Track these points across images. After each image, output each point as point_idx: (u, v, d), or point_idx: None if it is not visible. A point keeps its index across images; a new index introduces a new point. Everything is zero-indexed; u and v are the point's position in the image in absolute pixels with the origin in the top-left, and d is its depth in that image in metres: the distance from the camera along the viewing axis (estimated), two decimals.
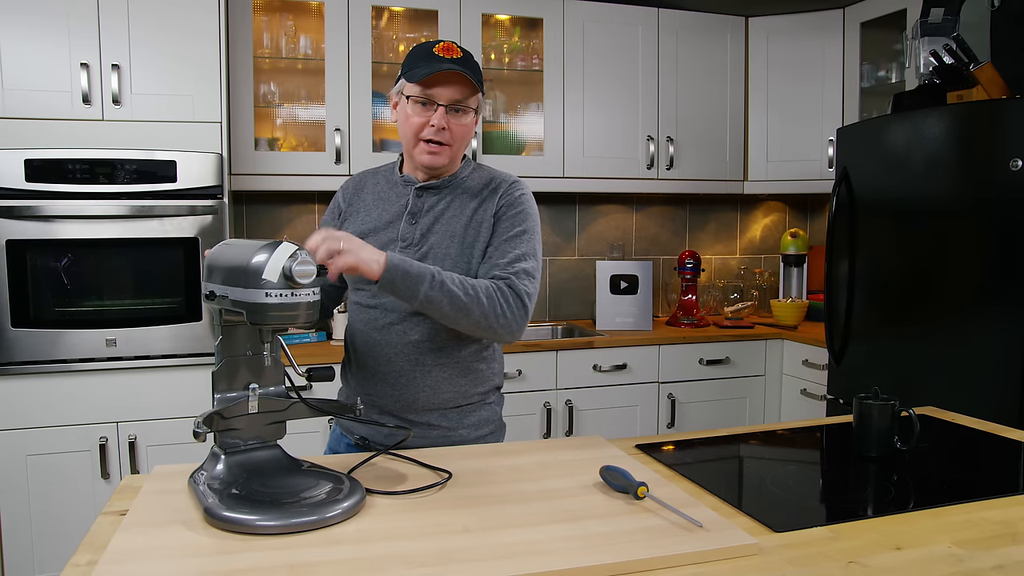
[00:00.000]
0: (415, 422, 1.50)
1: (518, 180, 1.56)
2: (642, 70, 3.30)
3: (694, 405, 3.14)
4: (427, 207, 1.51)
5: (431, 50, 1.44)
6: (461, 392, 1.52)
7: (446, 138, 1.45)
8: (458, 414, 1.52)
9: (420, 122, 1.45)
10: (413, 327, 1.47)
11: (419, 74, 1.42)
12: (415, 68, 1.44)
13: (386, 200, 1.54)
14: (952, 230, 2.35)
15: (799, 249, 3.55)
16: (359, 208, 1.57)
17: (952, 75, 2.56)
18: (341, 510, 1.04)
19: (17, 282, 2.38)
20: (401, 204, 1.52)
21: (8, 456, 2.40)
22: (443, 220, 1.49)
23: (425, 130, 1.45)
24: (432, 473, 1.25)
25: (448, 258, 1.46)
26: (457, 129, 1.46)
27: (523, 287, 1.43)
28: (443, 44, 1.44)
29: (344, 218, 1.58)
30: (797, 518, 1.09)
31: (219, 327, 1.19)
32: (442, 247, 1.47)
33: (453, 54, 1.43)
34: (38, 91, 2.41)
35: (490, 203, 1.51)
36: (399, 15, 3.14)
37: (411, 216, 1.50)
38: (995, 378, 2.21)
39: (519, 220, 1.49)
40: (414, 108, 1.45)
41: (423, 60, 1.44)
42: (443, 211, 1.50)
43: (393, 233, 1.50)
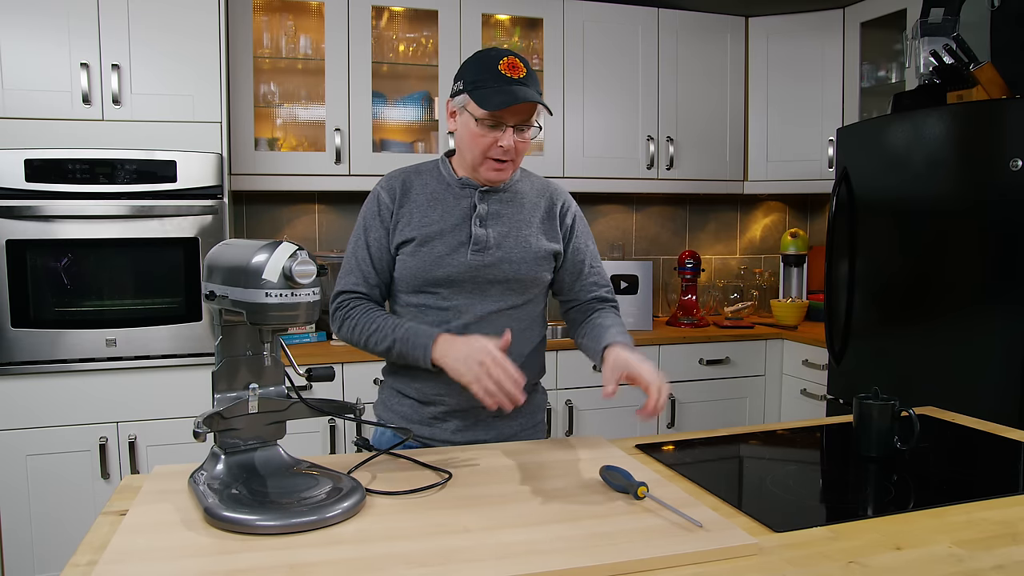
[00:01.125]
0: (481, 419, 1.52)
1: (560, 187, 1.64)
2: (642, 70, 3.30)
3: (694, 405, 3.14)
4: (493, 211, 1.52)
5: (497, 67, 1.40)
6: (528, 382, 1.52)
7: (511, 155, 1.47)
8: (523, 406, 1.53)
9: (489, 143, 1.44)
10: (488, 326, 1.48)
11: (494, 102, 1.39)
12: (484, 89, 1.40)
13: (443, 202, 1.51)
14: (952, 230, 2.35)
15: (799, 249, 3.55)
16: (411, 208, 1.51)
17: (952, 75, 2.56)
18: (341, 510, 1.04)
19: (17, 282, 2.38)
20: (464, 206, 1.51)
21: (8, 456, 2.40)
22: (510, 225, 1.52)
23: (493, 149, 1.45)
24: (432, 474, 1.25)
25: (524, 263, 1.50)
26: (522, 146, 1.47)
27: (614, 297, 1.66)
28: (508, 61, 1.41)
29: (395, 219, 1.52)
30: (797, 518, 1.09)
31: (219, 327, 1.19)
32: (516, 252, 1.50)
33: (520, 72, 1.41)
34: (38, 91, 2.41)
35: (553, 213, 1.57)
36: (399, 15, 3.14)
37: (479, 220, 1.50)
38: (995, 378, 2.21)
39: (589, 236, 1.63)
40: (482, 128, 1.43)
41: (491, 80, 1.40)
42: (508, 216, 1.52)
43: (462, 236, 1.48)
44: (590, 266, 1.61)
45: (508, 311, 1.51)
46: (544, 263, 1.54)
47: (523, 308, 1.53)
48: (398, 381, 1.56)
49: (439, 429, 1.52)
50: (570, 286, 1.62)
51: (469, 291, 1.49)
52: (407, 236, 1.49)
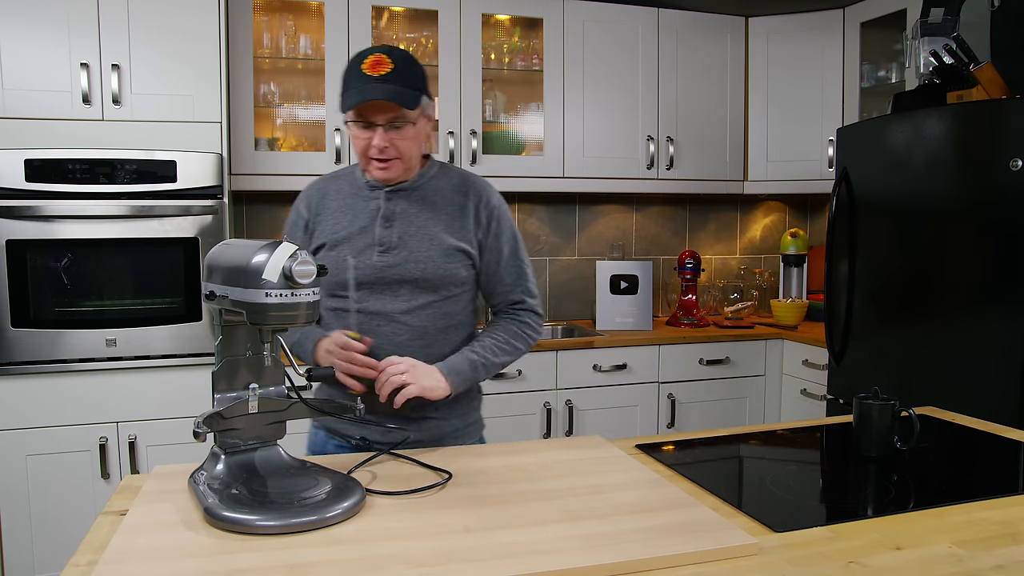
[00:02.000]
0: (411, 418, 1.50)
1: (489, 184, 1.59)
2: (642, 70, 3.30)
3: (694, 405, 3.14)
4: (399, 210, 1.51)
5: (360, 67, 1.40)
6: None
7: (391, 154, 1.45)
8: (447, 405, 1.53)
9: (363, 144, 1.44)
10: (400, 329, 1.48)
11: (348, 103, 1.40)
12: (346, 91, 1.42)
13: (354, 205, 1.53)
14: (952, 230, 2.35)
15: (799, 249, 3.55)
16: (326, 216, 1.54)
17: (952, 75, 2.56)
18: (341, 510, 1.04)
19: (17, 282, 2.38)
20: (372, 208, 1.51)
21: (8, 456, 2.40)
22: (418, 223, 1.50)
23: (370, 150, 1.44)
24: (432, 474, 1.25)
25: (431, 261, 1.48)
26: (401, 144, 1.45)
27: (539, 305, 1.62)
28: (372, 59, 1.40)
29: (311, 228, 1.56)
30: (797, 518, 1.09)
31: (219, 327, 1.19)
32: (422, 250, 1.48)
33: (382, 69, 1.39)
34: (38, 91, 2.41)
35: (466, 209, 1.53)
36: (399, 15, 3.14)
37: (385, 220, 1.50)
38: (995, 378, 2.21)
39: (507, 233, 1.57)
40: (356, 130, 1.44)
41: (354, 82, 1.41)
42: (417, 214, 1.51)
43: (369, 238, 1.49)
44: (506, 269, 1.57)
45: (421, 310, 1.49)
46: (454, 259, 1.51)
47: (439, 306, 1.51)
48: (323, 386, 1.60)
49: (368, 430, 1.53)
50: (488, 291, 1.60)
51: (379, 292, 1.49)
52: (319, 242, 1.52)
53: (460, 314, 1.55)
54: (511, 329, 1.56)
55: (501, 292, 1.59)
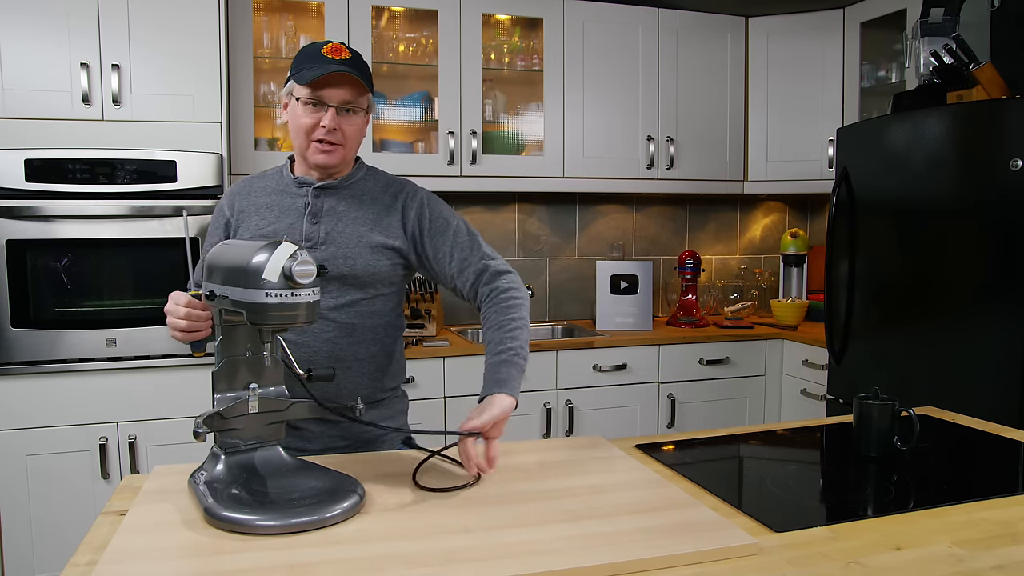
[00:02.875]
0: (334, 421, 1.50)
1: (410, 182, 1.59)
2: (642, 70, 3.30)
3: (694, 405, 3.14)
4: (327, 207, 1.50)
5: (319, 51, 1.43)
6: (377, 387, 1.55)
7: (337, 138, 1.46)
8: (373, 407, 1.54)
9: (311, 123, 1.44)
10: (328, 325, 1.48)
11: (308, 76, 1.41)
12: (304, 70, 1.43)
13: (280, 202, 1.53)
14: (952, 230, 2.35)
15: (799, 249, 3.55)
16: (250, 213, 1.54)
17: (952, 75, 2.56)
18: (341, 510, 1.04)
19: (17, 282, 2.38)
20: (299, 205, 1.51)
21: (8, 456, 2.40)
22: (346, 220, 1.50)
23: (316, 130, 1.45)
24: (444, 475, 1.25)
25: (360, 257, 1.47)
26: (348, 129, 1.46)
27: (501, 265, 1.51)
28: (331, 45, 1.44)
29: (234, 225, 1.55)
30: (797, 518, 1.09)
31: (219, 327, 1.19)
32: (350, 248, 1.48)
33: (342, 54, 1.43)
34: (38, 91, 2.41)
35: (394, 208, 1.52)
36: (399, 15, 3.14)
37: (312, 216, 1.49)
38: (995, 378, 2.21)
39: (443, 215, 1.54)
40: (304, 109, 1.44)
41: (312, 61, 1.43)
42: (345, 212, 1.50)
43: (295, 235, 1.48)
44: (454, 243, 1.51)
45: (348, 307, 1.49)
46: (381, 256, 1.50)
47: (367, 304, 1.50)
48: None
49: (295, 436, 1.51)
50: (447, 274, 1.52)
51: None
52: (245, 239, 1.51)
53: (388, 314, 1.55)
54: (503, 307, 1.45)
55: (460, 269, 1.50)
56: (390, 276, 1.52)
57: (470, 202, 3.43)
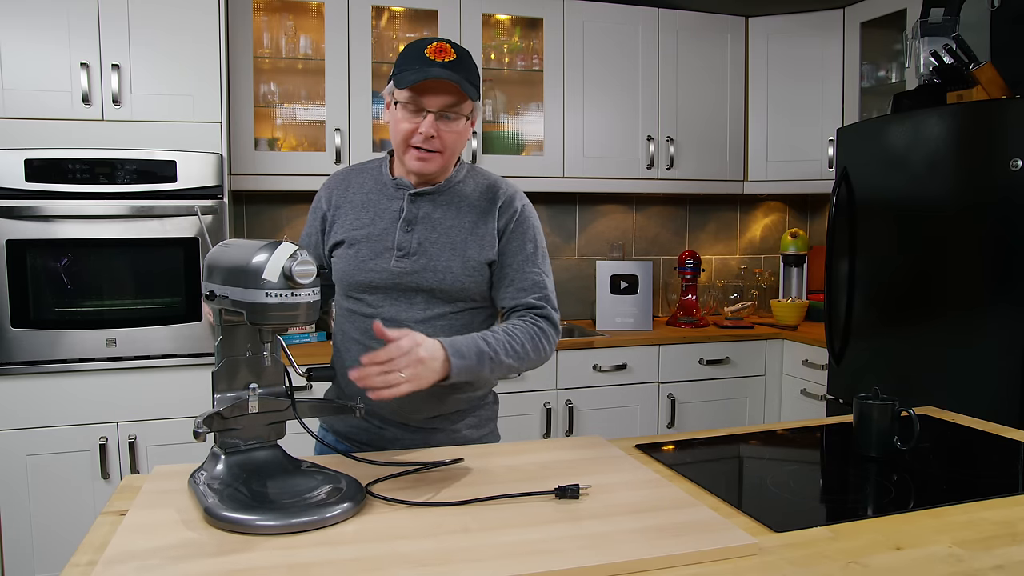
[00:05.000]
0: (419, 427, 1.48)
1: (518, 190, 1.52)
2: (642, 70, 3.30)
3: (694, 405, 3.14)
4: (423, 214, 1.45)
5: (423, 51, 1.36)
6: (464, 398, 1.49)
7: (436, 145, 1.39)
8: (460, 416, 1.51)
9: (409, 128, 1.38)
10: None
11: (408, 79, 1.35)
12: (405, 71, 1.36)
13: (376, 203, 1.47)
14: (952, 230, 2.35)
15: (799, 249, 3.55)
16: (347, 211, 1.49)
17: (952, 75, 2.56)
18: (341, 510, 1.04)
19: (17, 282, 2.38)
20: (394, 209, 1.46)
21: (8, 456, 2.40)
22: (440, 229, 1.44)
23: (414, 136, 1.38)
24: (436, 474, 1.25)
25: (450, 272, 1.42)
26: (448, 136, 1.40)
27: (556, 314, 1.47)
28: (436, 45, 1.36)
29: (330, 220, 1.51)
30: (797, 518, 1.09)
31: (219, 327, 1.19)
32: (442, 259, 1.42)
33: (446, 56, 1.35)
34: (38, 91, 2.41)
35: (490, 215, 1.47)
36: (399, 15, 3.14)
37: (407, 224, 1.44)
38: (995, 378, 2.21)
39: (529, 237, 1.48)
40: (404, 113, 1.38)
41: (414, 62, 1.36)
42: (440, 220, 1.45)
43: (388, 241, 1.43)
44: (517, 270, 1.46)
45: (435, 320, 1.43)
46: (475, 273, 1.44)
47: (456, 318, 1.44)
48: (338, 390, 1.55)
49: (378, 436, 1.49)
50: (502, 292, 1.47)
51: (395, 298, 1.43)
52: (338, 238, 1.47)
53: (479, 326, 1.47)
54: (529, 332, 1.41)
55: (515, 293, 1.46)
56: (480, 291, 1.46)
57: None
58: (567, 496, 1.12)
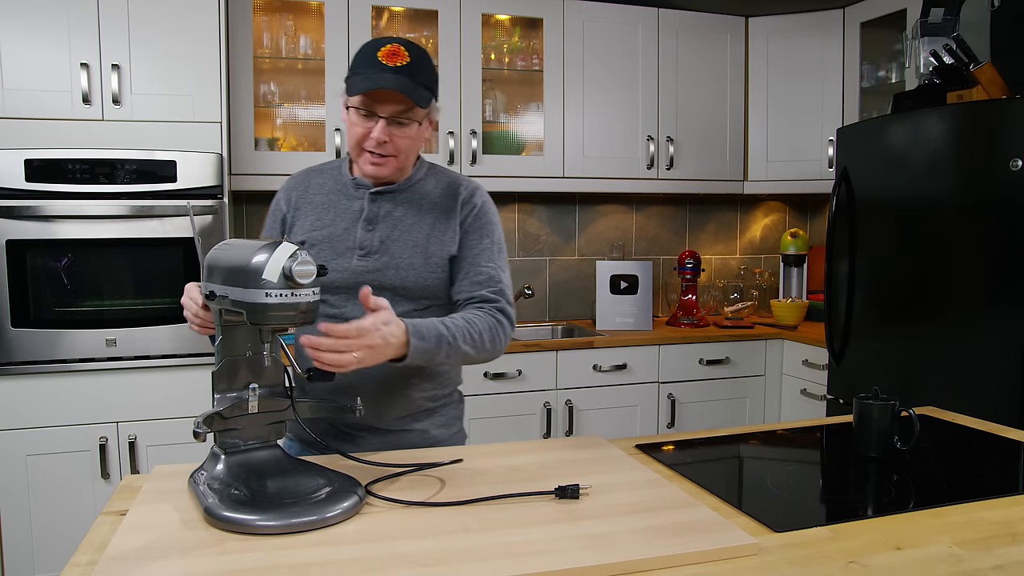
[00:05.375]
0: (388, 430, 1.47)
1: (479, 187, 1.53)
2: (642, 70, 3.30)
3: (694, 405, 3.14)
4: (384, 213, 1.45)
5: (376, 54, 1.34)
6: (430, 395, 1.49)
7: (389, 150, 1.39)
8: (427, 415, 1.50)
9: (362, 133, 1.38)
10: None
11: (358, 87, 1.34)
12: (356, 76, 1.36)
13: (337, 204, 1.47)
14: (952, 230, 2.35)
15: (799, 249, 3.55)
16: (307, 212, 1.48)
17: (952, 75, 2.56)
18: (341, 510, 1.04)
19: (17, 282, 2.38)
20: (355, 209, 1.45)
21: (8, 456, 2.40)
22: (402, 227, 1.44)
23: (367, 141, 1.38)
24: (434, 480, 1.25)
25: (412, 269, 1.42)
26: (401, 141, 1.39)
27: (511, 309, 1.46)
28: (389, 48, 1.35)
29: (290, 222, 1.50)
30: (797, 518, 1.09)
31: (219, 327, 1.19)
32: (404, 257, 1.42)
33: (399, 60, 1.34)
34: (38, 91, 2.41)
35: (452, 212, 1.47)
36: (399, 15, 3.14)
37: (368, 223, 1.44)
38: (995, 378, 2.21)
39: (487, 232, 1.48)
40: (356, 118, 1.38)
41: (365, 66, 1.35)
42: (401, 218, 1.45)
43: (350, 241, 1.43)
44: (472, 263, 1.45)
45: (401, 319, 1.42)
46: (437, 270, 1.44)
47: (418, 315, 1.42)
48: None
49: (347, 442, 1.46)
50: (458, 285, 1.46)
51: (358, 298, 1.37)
52: (299, 240, 1.46)
53: None
54: (488, 323, 1.40)
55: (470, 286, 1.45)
56: (443, 288, 1.46)
57: None
58: (567, 496, 1.12)
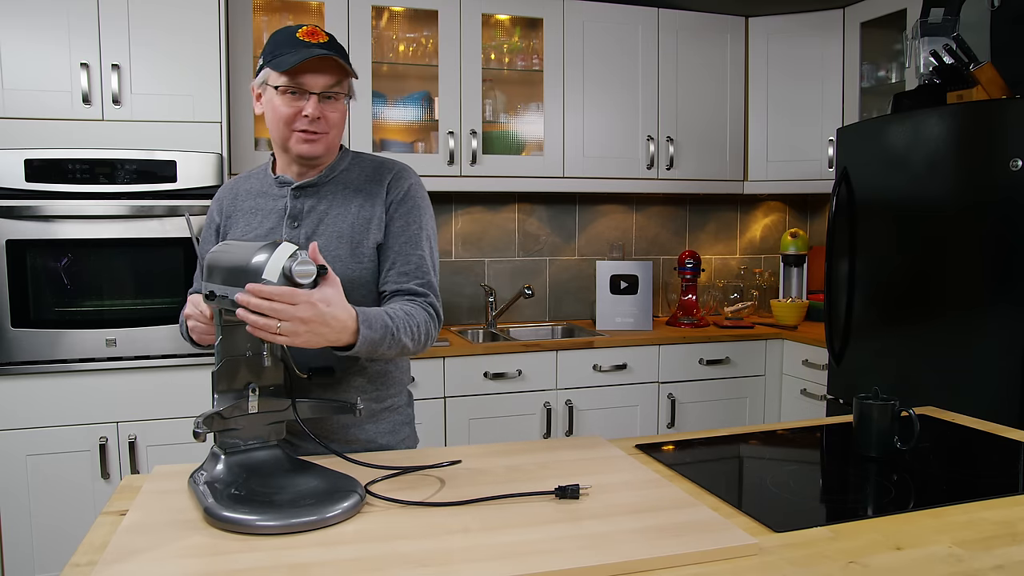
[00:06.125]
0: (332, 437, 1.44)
1: (405, 168, 1.49)
2: (642, 70, 3.30)
3: (694, 405, 3.14)
4: (307, 208, 1.43)
5: (295, 35, 1.34)
6: (373, 396, 1.47)
7: (321, 127, 1.38)
8: (373, 423, 1.48)
9: (291, 112, 1.36)
10: None
11: (287, 62, 1.32)
12: (280, 55, 1.34)
13: (263, 206, 1.46)
14: (952, 230, 2.35)
15: (799, 249, 3.55)
16: (237, 218, 1.47)
17: (952, 75, 2.56)
18: (341, 510, 1.04)
19: (17, 282, 2.38)
20: (279, 208, 1.44)
21: (8, 456, 2.40)
22: (327, 221, 1.42)
23: (298, 120, 1.37)
24: (433, 479, 1.25)
25: (339, 261, 1.39)
26: (332, 116, 1.38)
27: (439, 304, 1.43)
28: (307, 28, 1.35)
29: (223, 232, 1.48)
30: (797, 518, 1.09)
31: (219, 327, 1.19)
32: (330, 250, 1.39)
33: (319, 38, 1.35)
34: (38, 91, 2.41)
35: (378, 197, 1.44)
36: (399, 15, 3.14)
37: (292, 220, 1.42)
38: (995, 378, 2.21)
39: (415, 217, 1.44)
40: (284, 98, 1.36)
41: (287, 47, 1.34)
42: (326, 211, 1.42)
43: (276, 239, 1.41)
44: (399, 252, 1.41)
45: None
46: (364, 260, 1.41)
47: None
48: None
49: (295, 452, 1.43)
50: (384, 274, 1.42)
51: None
52: None
53: None
54: (424, 316, 1.37)
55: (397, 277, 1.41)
56: (374, 279, 1.43)
57: (470, 202, 3.43)
58: (567, 496, 1.12)
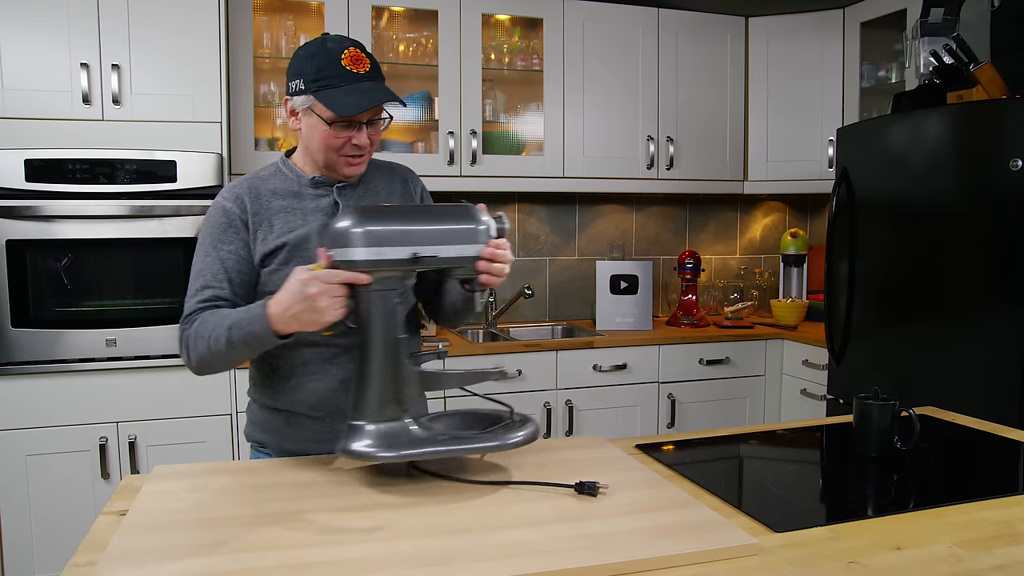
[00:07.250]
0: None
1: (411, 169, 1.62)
2: (642, 70, 3.30)
3: (694, 405, 3.14)
4: (353, 204, 1.44)
5: (339, 62, 1.33)
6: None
7: (367, 149, 1.43)
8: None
9: (342, 143, 1.38)
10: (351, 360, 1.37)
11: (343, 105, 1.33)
12: (330, 89, 1.34)
13: (301, 206, 1.43)
14: (952, 230, 2.35)
15: (799, 249, 3.55)
16: (269, 217, 1.41)
17: (952, 75, 2.56)
18: (522, 436, 1.19)
19: (17, 282, 2.38)
20: (323, 205, 1.44)
21: (8, 456, 2.40)
22: None
23: (347, 147, 1.39)
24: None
25: None
26: (375, 137, 1.43)
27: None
28: (350, 54, 1.34)
29: (252, 226, 1.41)
30: (797, 518, 1.09)
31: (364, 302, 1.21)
32: None
33: (364, 67, 1.35)
34: (38, 91, 2.41)
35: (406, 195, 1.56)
36: (399, 15, 3.14)
37: None
38: (995, 378, 2.21)
39: None
40: (335, 130, 1.37)
41: (336, 78, 1.33)
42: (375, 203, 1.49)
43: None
44: None
45: None
46: None
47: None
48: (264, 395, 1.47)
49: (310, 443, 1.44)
50: None
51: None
52: (274, 244, 1.39)
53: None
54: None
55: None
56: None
57: (470, 202, 3.42)
58: (585, 492, 1.14)
